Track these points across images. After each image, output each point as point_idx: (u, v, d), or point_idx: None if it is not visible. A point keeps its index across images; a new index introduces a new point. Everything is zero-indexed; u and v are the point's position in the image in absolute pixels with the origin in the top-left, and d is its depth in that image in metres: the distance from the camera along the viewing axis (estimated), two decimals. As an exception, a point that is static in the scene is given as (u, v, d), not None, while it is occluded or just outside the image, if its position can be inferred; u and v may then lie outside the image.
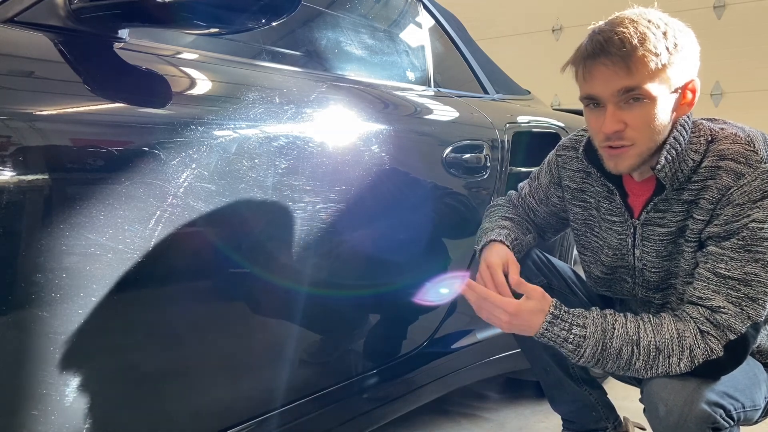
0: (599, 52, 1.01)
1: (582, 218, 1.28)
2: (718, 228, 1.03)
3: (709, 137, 1.07)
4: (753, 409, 1.09)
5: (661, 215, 1.12)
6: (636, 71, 0.99)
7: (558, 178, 1.32)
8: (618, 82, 1.00)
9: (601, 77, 1.02)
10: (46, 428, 0.82)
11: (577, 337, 1.06)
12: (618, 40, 0.99)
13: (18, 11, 0.85)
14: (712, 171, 1.04)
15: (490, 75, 2.13)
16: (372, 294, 1.38)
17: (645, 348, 1.04)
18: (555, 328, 1.08)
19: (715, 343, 1.01)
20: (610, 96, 1.02)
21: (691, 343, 1.01)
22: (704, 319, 1.02)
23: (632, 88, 1.00)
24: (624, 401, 1.57)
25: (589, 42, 1.04)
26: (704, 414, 0.99)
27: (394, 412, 1.47)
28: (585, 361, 1.07)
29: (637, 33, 0.99)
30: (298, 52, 1.44)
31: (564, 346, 1.08)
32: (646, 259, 1.16)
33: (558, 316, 1.08)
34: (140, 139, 0.89)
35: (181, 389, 1.01)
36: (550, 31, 4.68)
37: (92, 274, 0.84)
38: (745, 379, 1.08)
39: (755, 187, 1.00)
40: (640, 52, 0.98)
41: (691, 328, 1.02)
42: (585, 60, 1.03)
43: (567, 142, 1.31)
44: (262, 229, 1.09)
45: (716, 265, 1.03)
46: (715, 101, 3.96)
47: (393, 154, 1.33)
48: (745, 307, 1.01)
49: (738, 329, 1.00)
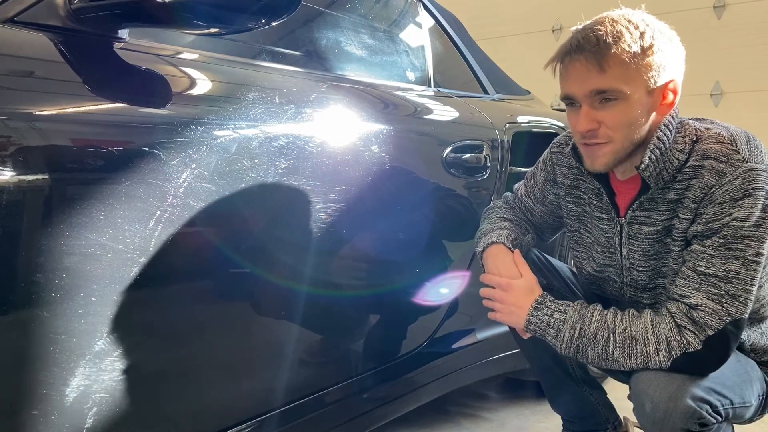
0: (576, 50, 1.04)
1: (576, 214, 1.29)
2: (702, 227, 1.04)
3: (694, 137, 1.07)
4: (743, 406, 1.09)
5: (647, 214, 1.12)
6: (608, 69, 1.01)
7: (553, 175, 1.33)
8: (591, 81, 1.03)
9: (576, 75, 1.05)
10: (46, 428, 0.82)
11: (558, 322, 1.12)
12: (593, 38, 1.01)
13: (18, 11, 0.85)
14: (696, 170, 1.05)
15: (490, 75, 2.13)
16: (372, 294, 1.38)
17: (620, 335, 1.06)
18: (539, 313, 1.14)
19: (692, 336, 1.02)
20: (583, 96, 1.05)
21: (667, 334, 1.03)
22: (682, 314, 1.03)
23: (604, 90, 1.02)
24: (624, 401, 1.57)
25: (568, 40, 1.06)
26: (689, 409, 1.00)
27: (394, 412, 1.47)
28: (565, 347, 1.11)
29: (613, 31, 1.01)
30: (298, 52, 1.44)
31: (548, 332, 1.13)
32: (633, 257, 1.17)
33: (542, 303, 1.15)
34: (140, 139, 0.89)
35: (181, 389, 1.01)
36: (550, 31, 4.68)
37: (92, 274, 0.84)
38: (735, 376, 1.09)
39: (736, 186, 1.01)
40: (613, 49, 1.00)
41: (667, 321, 1.04)
42: (563, 57, 1.07)
43: (561, 140, 1.32)
44: (262, 229, 1.09)
45: (697, 263, 1.04)
46: (715, 101, 3.96)
47: (393, 154, 1.33)
48: (725, 304, 1.01)
49: (715, 326, 1.01)
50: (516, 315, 1.17)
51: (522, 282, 1.19)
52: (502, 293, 1.20)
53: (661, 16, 1.07)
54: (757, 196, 1.00)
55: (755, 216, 1.00)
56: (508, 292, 1.19)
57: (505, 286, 1.19)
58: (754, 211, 1.00)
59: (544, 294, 1.17)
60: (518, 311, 1.17)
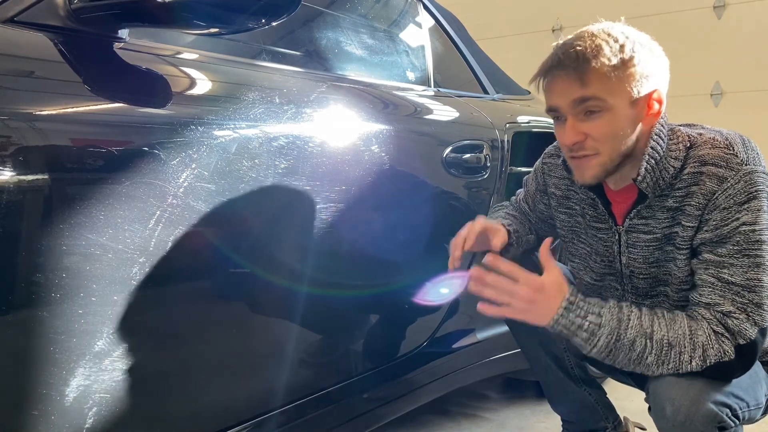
0: (557, 65, 1.05)
1: (568, 225, 1.28)
2: (710, 234, 1.03)
3: (687, 143, 1.07)
4: (756, 408, 1.10)
5: (645, 222, 1.12)
6: (589, 83, 1.02)
7: (544, 185, 1.33)
8: (572, 93, 1.04)
9: (558, 89, 1.06)
10: (46, 428, 0.82)
11: (593, 325, 1.04)
12: (573, 53, 1.03)
13: (18, 11, 0.85)
14: (695, 177, 1.05)
15: (490, 75, 2.13)
16: (372, 294, 1.38)
17: (658, 342, 1.03)
18: (571, 314, 1.05)
19: (727, 345, 1.01)
20: (567, 108, 1.05)
21: (704, 342, 1.01)
22: (717, 321, 1.02)
23: (587, 98, 1.03)
24: (624, 401, 1.57)
25: (550, 56, 1.08)
26: (711, 413, 1.00)
27: (394, 412, 1.47)
28: (598, 351, 1.05)
29: (593, 46, 1.02)
30: (298, 52, 1.44)
31: (578, 334, 1.05)
32: (633, 265, 1.16)
33: (574, 303, 1.06)
34: (140, 139, 0.89)
35: (181, 389, 1.01)
36: (550, 31, 4.68)
37: (92, 274, 0.84)
38: (748, 378, 1.08)
39: (739, 190, 1.01)
40: (592, 64, 1.01)
41: (704, 328, 1.02)
42: (545, 73, 1.08)
43: (552, 150, 1.33)
44: (262, 229, 1.09)
45: (719, 271, 1.03)
46: (715, 101, 3.96)
47: (393, 154, 1.33)
48: (751, 313, 1.01)
49: (748, 335, 1.01)
50: (543, 315, 1.07)
51: (551, 278, 1.07)
52: (531, 292, 1.06)
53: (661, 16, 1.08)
54: (760, 198, 1.00)
55: (764, 219, 1.01)
56: (539, 292, 1.06)
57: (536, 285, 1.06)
58: (761, 214, 1.00)
59: (573, 290, 1.07)
60: (543, 310, 1.06)
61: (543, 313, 1.07)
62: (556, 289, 1.07)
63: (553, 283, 1.07)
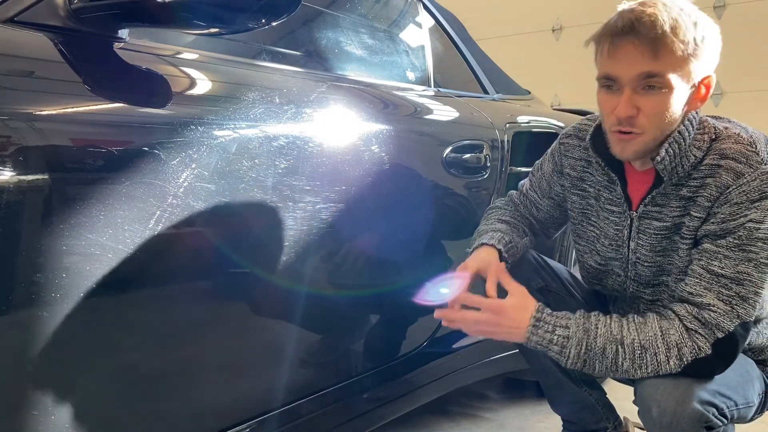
0: (629, 31, 0.98)
1: (579, 207, 1.28)
2: (715, 226, 1.03)
3: (713, 135, 1.07)
4: (747, 407, 1.09)
5: (659, 209, 1.12)
6: (661, 57, 0.97)
7: (560, 166, 1.31)
8: (642, 65, 0.98)
9: (626, 57, 0.99)
10: (46, 428, 0.82)
11: (561, 338, 1.07)
12: (650, 22, 0.97)
13: (18, 11, 0.85)
14: (713, 169, 1.04)
15: (490, 75, 2.13)
16: (372, 294, 1.38)
17: (629, 346, 1.03)
18: (539, 330, 1.08)
19: (702, 341, 1.01)
20: (629, 79, 1.00)
21: (677, 340, 1.01)
22: (691, 317, 1.02)
23: (654, 74, 0.98)
24: (624, 401, 1.57)
25: (619, 19, 1.00)
26: (697, 413, 1.00)
27: (394, 412, 1.47)
28: (572, 362, 1.07)
29: (670, 18, 0.97)
30: (298, 52, 1.44)
31: (550, 348, 1.08)
32: (640, 252, 1.16)
33: (541, 319, 1.09)
34: (140, 139, 0.89)
35: (181, 389, 1.01)
36: (550, 31, 4.68)
37: (92, 274, 0.84)
38: (738, 376, 1.08)
39: (754, 188, 1.00)
40: (669, 38, 0.96)
41: (676, 326, 1.02)
42: (613, 37, 1.00)
43: (571, 131, 1.31)
44: (262, 229, 1.09)
45: (710, 263, 1.03)
46: (715, 101, 3.96)
47: (393, 154, 1.33)
48: (736, 305, 1.01)
49: (726, 327, 1.00)
50: (515, 335, 1.11)
51: (512, 300, 1.12)
52: (493, 317, 1.11)
53: (661, 15, 1.06)
54: None
55: None
56: (501, 315, 1.10)
57: (497, 309, 1.11)
58: None
59: (540, 307, 1.10)
60: (516, 331, 1.10)
61: (512, 333, 1.11)
62: (519, 308, 1.10)
63: (515, 304, 1.11)
